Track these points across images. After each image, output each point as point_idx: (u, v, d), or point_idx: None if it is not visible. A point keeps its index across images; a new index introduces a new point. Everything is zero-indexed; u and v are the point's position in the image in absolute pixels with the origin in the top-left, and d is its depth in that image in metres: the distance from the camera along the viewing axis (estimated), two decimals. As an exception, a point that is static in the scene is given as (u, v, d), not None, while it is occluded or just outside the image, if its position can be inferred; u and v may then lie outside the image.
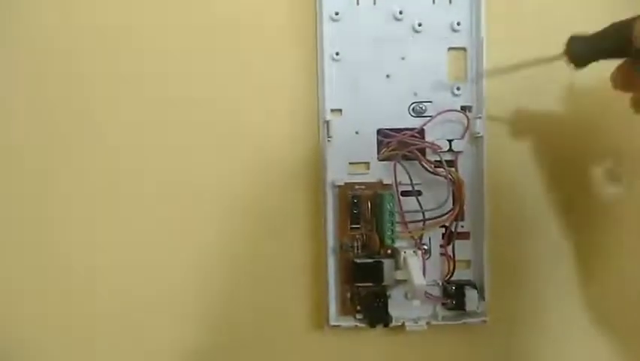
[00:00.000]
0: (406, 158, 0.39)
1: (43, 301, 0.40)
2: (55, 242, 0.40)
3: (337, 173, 0.39)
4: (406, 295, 0.40)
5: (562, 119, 0.40)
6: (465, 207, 0.39)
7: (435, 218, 0.39)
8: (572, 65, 0.33)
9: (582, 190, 0.41)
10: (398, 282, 0.38)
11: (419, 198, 0.39)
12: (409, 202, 0.39)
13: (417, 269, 0.36)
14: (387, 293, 0.39)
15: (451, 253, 0.39)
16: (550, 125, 0.40)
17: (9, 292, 0.40)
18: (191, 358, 0.41)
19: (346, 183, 0.39)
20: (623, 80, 0.33)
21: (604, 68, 0.32)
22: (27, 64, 0.40)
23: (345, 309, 0.39)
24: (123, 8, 0.40)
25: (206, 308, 0.41)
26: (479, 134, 0.39)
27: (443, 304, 0.40)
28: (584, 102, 0.40)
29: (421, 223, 0.39)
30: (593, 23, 0.31)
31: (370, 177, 0.39)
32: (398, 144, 0.39)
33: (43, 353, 0.41)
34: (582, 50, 0.32)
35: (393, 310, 0.38)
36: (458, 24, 0.39)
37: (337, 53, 0.39)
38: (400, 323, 0.39)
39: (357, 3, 0.39)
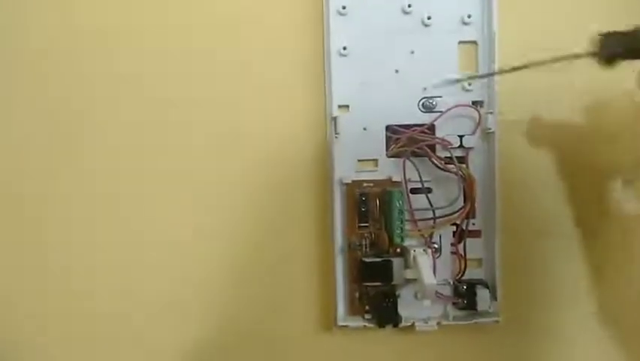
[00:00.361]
0: (415, 154, 0.38)
1: (43, 301, 0.40)
2: (55, 242, 0.40)
3: (345, 170, 0.39)
4: (415, 295, 0.39)
5: (575, 116, 0.40)
6: (476, 205, 0.39)
7: (445, 216, 0.38)
8: (602, 64, 0.31)
9: (596, 187, 0.40)
10: (408, 281, 0.37)
11: (429, 195, 0.38)
12: (419, 200, 0.38)
13: (427, 268, 0.35)
14: (397, 293, 0.38)
15: (462, 252, 0.39)
16: (563, 123, 0.40)
17: (9, 292, 0.40)
18: (194, 358, 0.40)
19: (354, 181, 0.38)
20: None
21: (620, 70, 0.31)
22: (27, 64, 0.40)
23: (354, 309, 0.38)
24: (123, 8, 0.40)
25: (211, 309, 0.40)
26: (491, 130, 0.38)
27: (454, 303, 0.39)
28: (596, 99, 0.39)
29: (431, 221, 0.38)
30: (607, 17, 0.31)
31: (379, 175, 0.39)
32: (407, 141, 0.38)
33: (43, 353, 0.40)
34: (616, 49, 0.30)
35: (402, 310, 0.38)
36: (469, 17, 0.38)
37: (344, 48, 0.39)
38: (409, 323, 0.38)
39: (365, -4, 0.39)
